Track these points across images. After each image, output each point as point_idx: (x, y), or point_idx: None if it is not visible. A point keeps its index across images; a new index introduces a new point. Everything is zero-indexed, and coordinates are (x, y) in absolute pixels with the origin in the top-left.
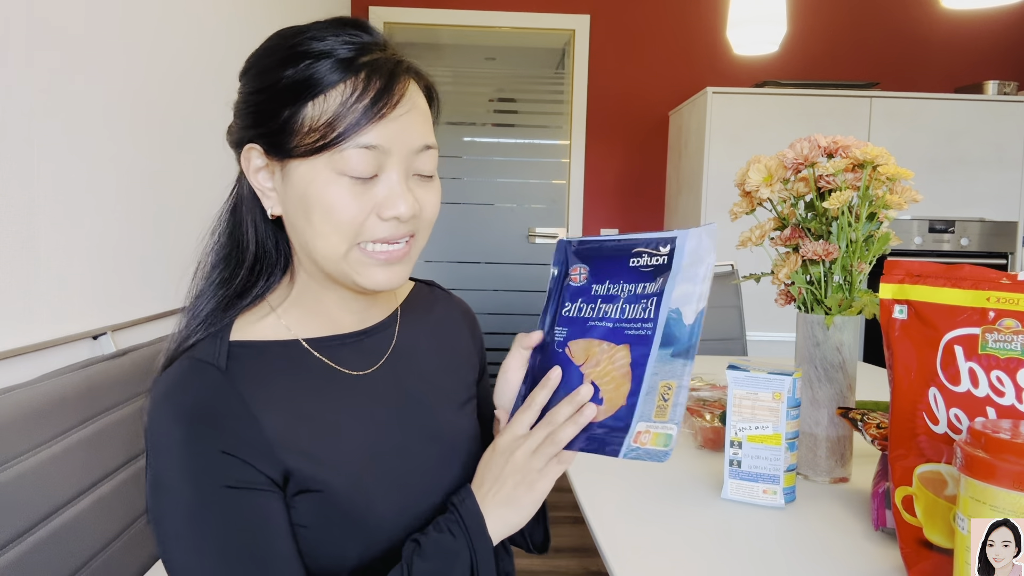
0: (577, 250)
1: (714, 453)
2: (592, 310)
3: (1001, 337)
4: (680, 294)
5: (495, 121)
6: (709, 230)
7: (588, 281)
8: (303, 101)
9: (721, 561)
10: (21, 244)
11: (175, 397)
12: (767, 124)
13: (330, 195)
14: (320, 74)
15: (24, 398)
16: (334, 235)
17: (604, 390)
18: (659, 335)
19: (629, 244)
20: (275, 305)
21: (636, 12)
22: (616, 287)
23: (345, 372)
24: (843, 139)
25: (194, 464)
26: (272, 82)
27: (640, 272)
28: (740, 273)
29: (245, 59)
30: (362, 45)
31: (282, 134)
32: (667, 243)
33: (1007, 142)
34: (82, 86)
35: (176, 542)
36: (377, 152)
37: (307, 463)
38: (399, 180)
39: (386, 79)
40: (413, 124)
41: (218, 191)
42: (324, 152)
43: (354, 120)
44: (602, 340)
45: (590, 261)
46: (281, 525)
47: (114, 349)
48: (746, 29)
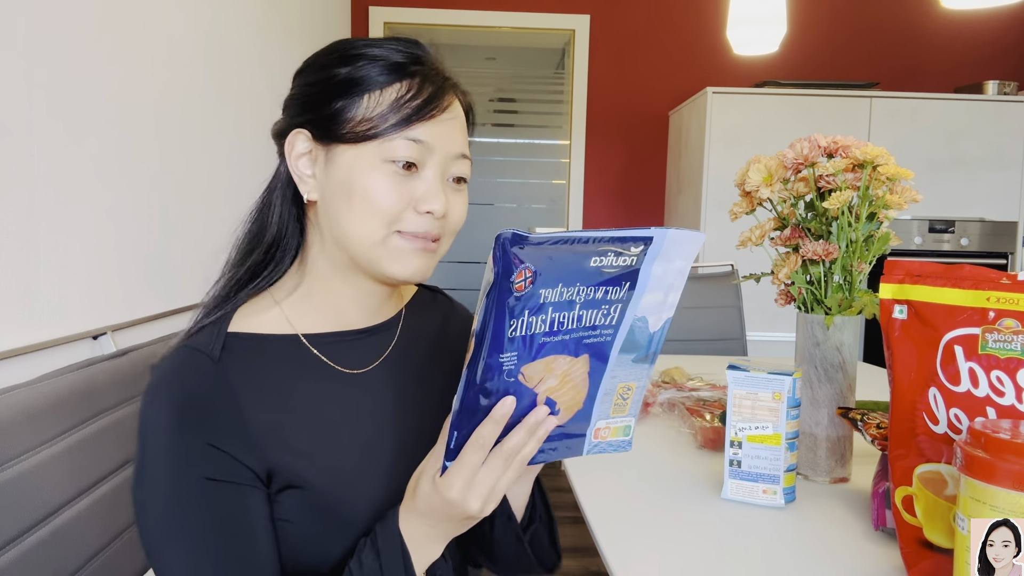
0: (524, 248)
1: (714, 453)
2: (543, 323)
3: (1001, 337)
4: (649, 301)
5: (495, 121)
6: (693, 236)
7: (534, 286)
8: (358, 94)
9: (721, 561)
10: (21, 244)
11: (166, 385)
12: (767, 124)
13: (373, 180)
14: (375, 73)
15: (24, 398)
16: (373, 220)
17: (561, 402)
18: (620, 343)
19: (594, 240)
20: (279, 298)
21: (636, 12)
22: (571, 290)
23: (340, 370)
24: (843, 139)
25: (178, 453)
26: (329, 76)
27: (602, 273)
28: (740, 273)
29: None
30: (415, 56)
31: (333, 121)
32: (640, 242)
33: (1007, 142)
34: (82, 86)
35: (154, 527)
36: (422, 147)
37: (292, 458)
38: (436, 178)
39: (437, 86)
40: (455, 131)
41: (218, 191)
42: (374, 140)
43: (407, 115)
44: (557, 356)
45: (539, 261)
46: (259, 521)
47: (114, 349)
48: (746, 29)
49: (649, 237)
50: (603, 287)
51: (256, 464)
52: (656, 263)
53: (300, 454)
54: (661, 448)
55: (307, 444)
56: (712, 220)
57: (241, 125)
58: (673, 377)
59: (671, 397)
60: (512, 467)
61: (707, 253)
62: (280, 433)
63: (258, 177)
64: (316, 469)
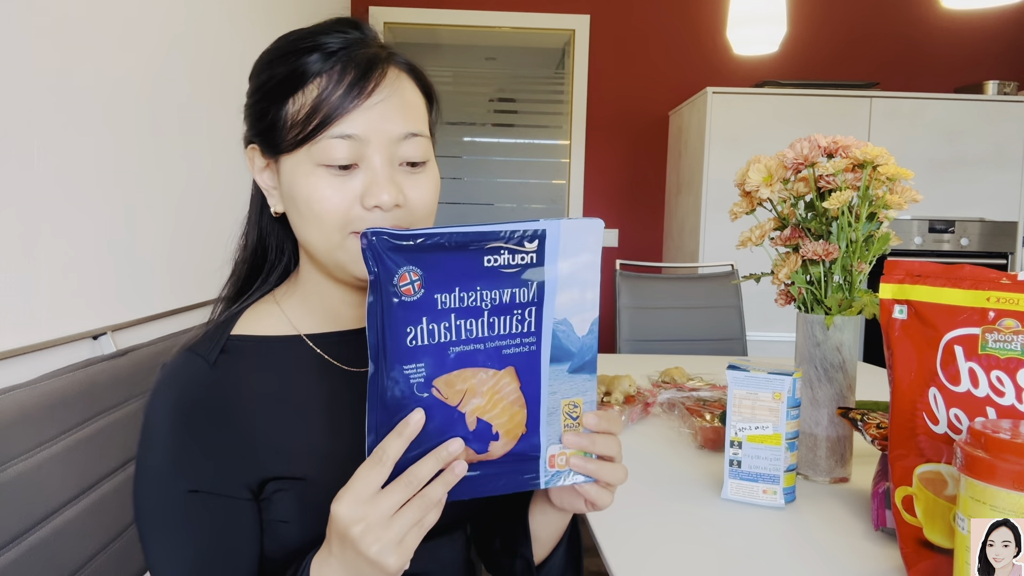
0: (398, 247)
1: (714, 453)
2: (448, 331)
3: (1001, 337)
4: (565, 302)
5: (495, 121)
6: (589, 224)
7: (425, 291)
8: (285, 97)
9: (721, 561)
10: (21, 244)
11: (164, 389)
12: (767, 124)
13: (310, 187)
14: (300, 69)
15: (24, 398)
16: (323, 226)
17: (497, 423)
18: (547, 351)
19: (478, 237)
20: (281, 300)
21: (636, 12)
22: (472, 296)
23: (341, 368)
24: (843, 139)
25: (170, 457)
26: (264, 81)
27: (501, 274)
28: (740, 273)
29: (250, 61)
30: (348, 41)
31: (271, 131)
32: (533, 237)
33: (1007, 142)
34: (83, 86)
35: (143, 523)
36: (354, 141)
37: (287, 456)
38: (380, 168)
39: (362, 69)
40: (393, 112)
41: (217, 191)
42: (304, 145)
43: (329, 111)
44: (477, 368)
45: (421, 261)
46: (241, 534)
47: (114, 349)
48: (746, 29)
49: (542, 230)
50: (508, 289)
51: (247, 469)
52: (560, 259)
53: (297, 448)
54: (661, 448)
55: (306, 438)
56: (712, 220)
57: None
58: (673, 377)
59: (671, 397)
60: (415, 504)
61: (707, 253)
62: (277, 429)
63: None
64: (316, 462)
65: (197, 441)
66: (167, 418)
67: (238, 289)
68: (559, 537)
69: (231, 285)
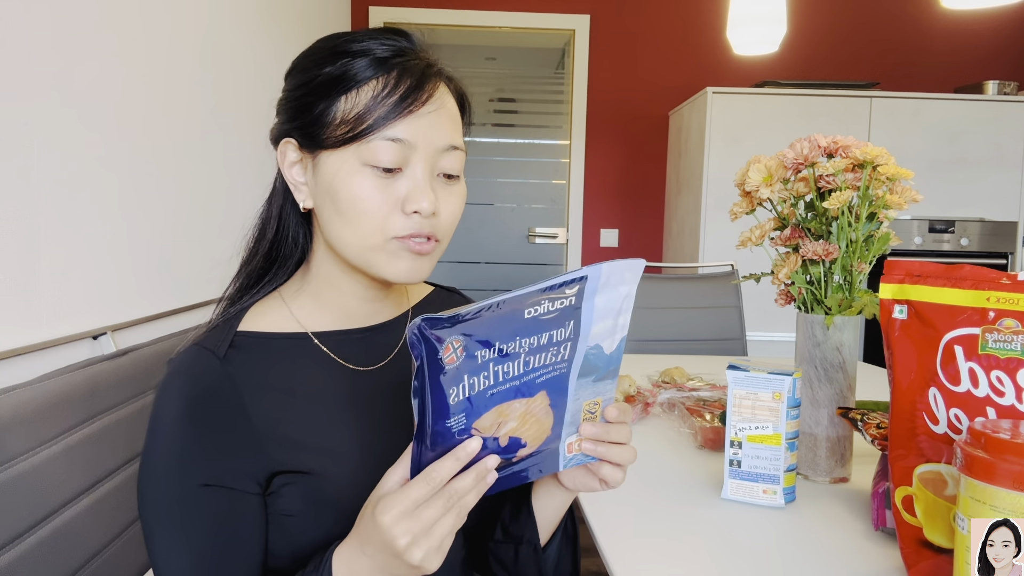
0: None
1: (714, 453)
2: (487, 378)
3: (1001, 337)
4: (599, 331)
5: (495, 121)
6: (631, 264)
7: (467, 353)
8: (337, 95)
9: (721, 561)
10: (21, 244)
11: (174, 382)
12: (767, 124)
13: (355, 185)
14: (354, 70)
15: (24, 398)
16: (362, 226)
17: (526, 437)
18: (576, 371)
19: (520, 302)
20: (288, 298)
21: (636, 12)
22: (511, 344)
23: (349, 367)
24: (843, 139)
25: (178, 449)
26: (310, 78)
27: (540, 321)
28: (740, 273)
29: (249, 61)
30: (399, 49)
31: (315, 126)
32: (573, 283)
33: (1007, 142)
34: (83, 86)
35: (147, 516)
36: (403, 146)
37: (295, 449)
38: (423, 176)
39: (417, 78)
40: (440, 123)
41: (218, 191)
42: (353, 143)
43: (383, 113)
44: (512, 401)
45: (464, 330)
46: (246, 528)
47: (114, 349)
48: (746, 29)
49: (583, 276)
50: (546, 333)
51: (256, 462)
52: (597, 296)
53: (304, 444)
54: (661, 448)
55: (311, 434)
56: (712, 220)
57: (240, 126)
58: (673, 377)
59: (671, 397)
60: (453, 512)
61: (707, 253)
62: (284, 426)
63: (258, 177)
64: (321, 458)
65: (208, 434)
66: (178, 410)
67: (251, 281)
68: (559, 521)
69: (244, 276)
